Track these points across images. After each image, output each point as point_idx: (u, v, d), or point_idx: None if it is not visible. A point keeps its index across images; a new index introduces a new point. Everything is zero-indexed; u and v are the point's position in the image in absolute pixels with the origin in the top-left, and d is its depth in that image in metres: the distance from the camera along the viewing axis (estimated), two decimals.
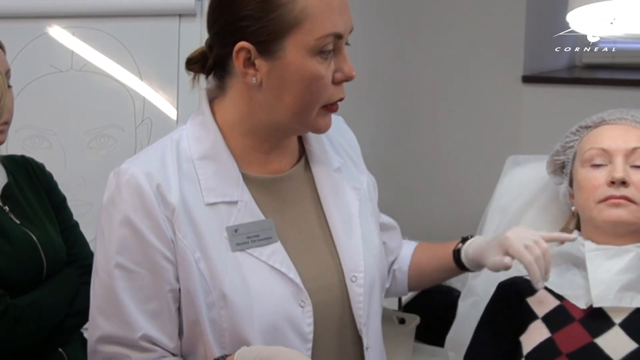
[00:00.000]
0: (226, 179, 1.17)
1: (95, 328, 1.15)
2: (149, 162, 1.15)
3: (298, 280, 1.16)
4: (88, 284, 1.60)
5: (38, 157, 1.71)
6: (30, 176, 1.63)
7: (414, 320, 2.41)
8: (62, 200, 1.69)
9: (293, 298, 1.16)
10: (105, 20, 2.11)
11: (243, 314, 1.12)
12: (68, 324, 1.55)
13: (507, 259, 1.28)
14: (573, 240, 1.38)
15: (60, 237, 1.61)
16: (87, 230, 1.75)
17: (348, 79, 1.15)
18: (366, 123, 1.40)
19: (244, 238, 1.15)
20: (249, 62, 1.12)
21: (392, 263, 1.49)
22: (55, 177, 1.71)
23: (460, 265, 1.40)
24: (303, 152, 1.29)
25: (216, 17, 1.14)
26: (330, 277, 1.22)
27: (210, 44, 1.19)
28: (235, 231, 1.15)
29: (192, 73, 1.23)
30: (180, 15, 2.09)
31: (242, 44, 1.10)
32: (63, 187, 1.72)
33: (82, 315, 1.57)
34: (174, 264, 1.13)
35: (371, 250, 1.28)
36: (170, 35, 2.09)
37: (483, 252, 1.34)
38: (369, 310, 1.25)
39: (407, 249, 1.51)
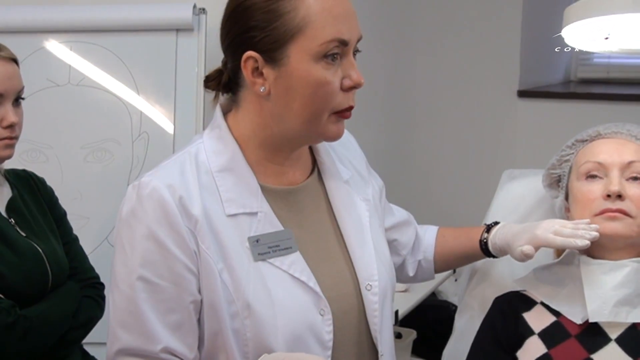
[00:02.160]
0: (245, 191, 1.19)
1: (114, 341, 1.16)
2: (170, 175, 1.17)
3: (318, 289, 1.19)
4: (89, 297, 1.63)
5: (34, 171, 1.72)
6: (33, 190, 1.64)
7: (410, 334, 2.41)
8: (62, 215, 1.70)
9: (314, 306, 1.18)
10: (103, 35, 2.11)
11: (267, 323, 1.14)
12: (70, 336, 1.56)
13: (526, 248, 1.34)
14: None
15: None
16: (84, 244, 1.75)
17: (356, 86, 1.17)
18: (362, 137, 1.40)
19: (265, 248, 1.17)
20: (257, 72, 1.15)
21: (406, 255, 1.52)
22: None
23: (487, 253, 1.48)
24: (315, 165, 1.32)
25: (227, 32, 1.19)
26: (347, 286, 1.25)
27: (224, 60, 1.23)
28: (257, 241, 1.17)
29: (210, 91, 1.26)
30: (177, 30, 2.10)
31: (249, 53, 1.14)
32: (59, 201, 1.72)
33: (84, 328, 1.59)
34: (196, 276, 1.14)
35: (382, 260, 1.31)
36: (168, 49, 2.09)
37: (509, 244, 1.40)
38: (382, 318, 1.27)
39: (429, 237, 1.56)
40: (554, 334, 1.36)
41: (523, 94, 2.88)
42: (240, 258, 1.16)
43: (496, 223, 1.49)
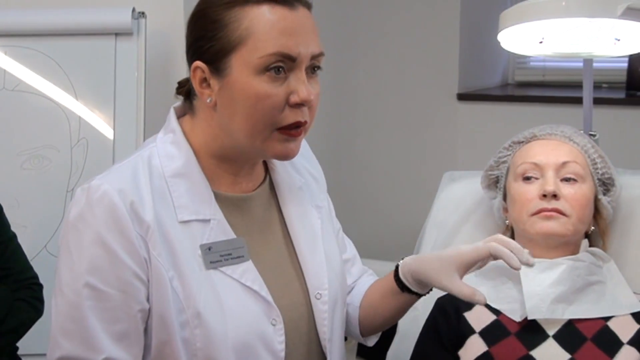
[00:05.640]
0: (198, 197, 1.17)
1: (55, 348, 1.12)
2: (121, 179, 1.13)
3: (270, 298, 1.17)
4: (22, 300, 1.55)
5: None
6: None
7: None
8: None
9: (265, 316, 1.16)
10: (39, 39, 2.07)
11: (217, 332, 1.12)
12: None
13: (478, 296, 1.21)
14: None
15: None
16: None
17: (303, 102, 1.14)
18: (304, 141, 1.42)
19: (217, 256, 1.15)
20: (205, 82, 1.14)
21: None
22: None
23: (401, 286, 1.29)
24: (267, 173, 1.30)
25: (185, 41, 1.18)
26: (297, 295, 1.24)
27: None
28: (209, 249, 1.15)
29: (181, 97, 1.24)
30: (116, 35, 2.07)
31: (197, 63, 1.14)
32: None
33: (15, 333, 1.51)
34: (145, 284, 1.12)
35: (334, 268, 1.29)
36: (106, 54, 2.07)
37: (431, 269, 1.25)
38: (332, 327, 1.26)
39: (363, 285, 1.41)
40: (494, 333, 1.38)
41: (462, 97, 2.93)
42: (192, 266, 1.13)
43: None
